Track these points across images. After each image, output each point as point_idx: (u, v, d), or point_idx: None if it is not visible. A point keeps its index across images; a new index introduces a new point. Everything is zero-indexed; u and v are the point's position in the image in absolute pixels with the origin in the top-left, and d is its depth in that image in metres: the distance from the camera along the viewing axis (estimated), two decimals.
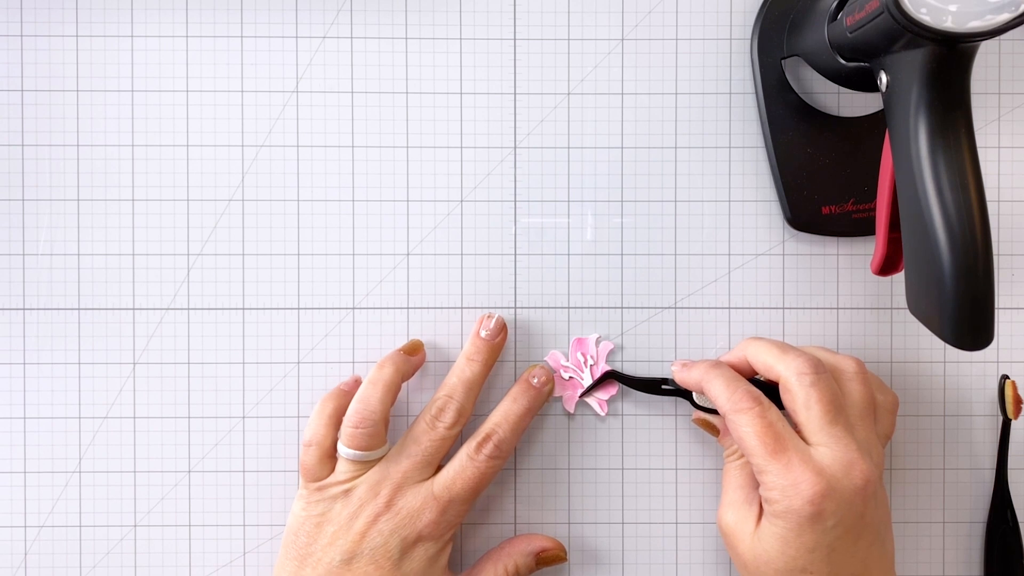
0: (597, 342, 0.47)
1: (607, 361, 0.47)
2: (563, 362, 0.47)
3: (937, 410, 0.48)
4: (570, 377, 0.47)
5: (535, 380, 0.45)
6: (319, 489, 0.43)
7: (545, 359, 0.47)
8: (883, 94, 0.37)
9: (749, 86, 0.47)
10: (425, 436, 0.43)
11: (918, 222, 0.34)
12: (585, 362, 0.47)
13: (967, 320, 0.34)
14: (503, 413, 0.44)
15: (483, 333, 0.45)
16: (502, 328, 0.46)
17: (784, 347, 0.41)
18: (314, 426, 0.44)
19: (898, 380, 0.48)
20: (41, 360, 0.47)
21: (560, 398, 0.47)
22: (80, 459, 0.47)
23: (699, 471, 0.47)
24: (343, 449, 0.43)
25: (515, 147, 0.47)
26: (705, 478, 0.47)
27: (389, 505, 0.42)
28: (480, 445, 0.43)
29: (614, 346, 0.47)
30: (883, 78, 0.36)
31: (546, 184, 0.47)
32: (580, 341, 0.47)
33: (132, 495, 0.47)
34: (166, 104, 0.47)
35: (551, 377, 0.46)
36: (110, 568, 0.47)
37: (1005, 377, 0.47)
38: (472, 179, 0.47)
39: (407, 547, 0.42)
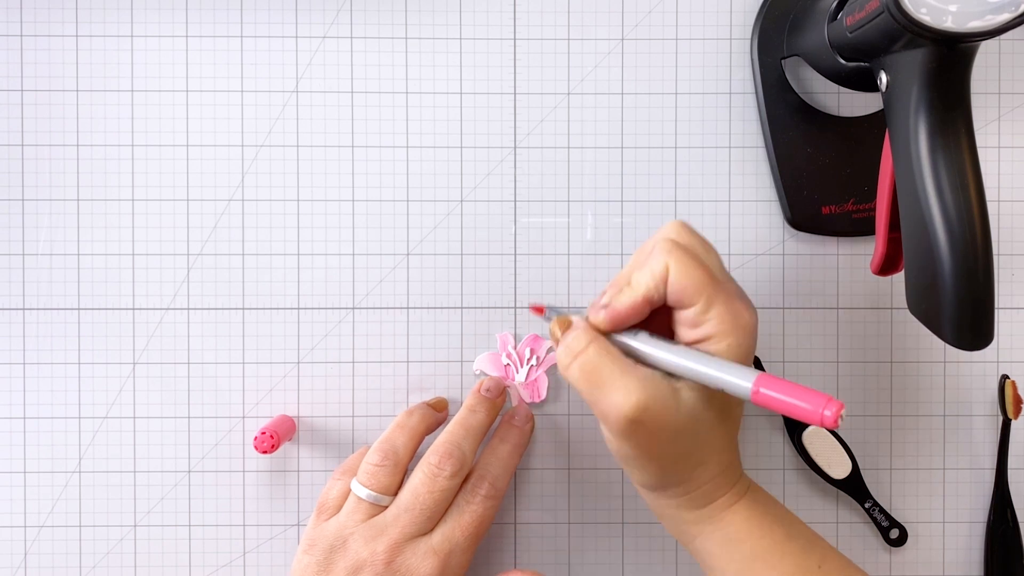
0: (549, 349, 0.47)
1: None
2: (509, 348, 0.47)
3: (937, 410, 0.48)
4: (507, 364, 0.47)
5: (488, 392, 0.45)
6: (317, 525, 0.42)
7: (496, 335, 0.47)
8: (883, 94, 0.37)
9: (749, 86, 0.47)
10: (424, 488, 0.41)
11: (918, 222, 0.34)
12: (525, 361, 0.47)
13: (967, 320, 0.34)
14: (490, 450, 0.44)
15: (484, 391, 0.45)
16: (502, 391, 0.45)
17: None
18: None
19: (898, 380, 0.48)
20: (41, 360, 0.47)
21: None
22: (80, 459, 0.47)
23: None
24: (358, 488, 0.41)
25: (515, 147, 0.47)
26: None
27: (389, 563, 0.40)
28: (475, 487, 0.42)
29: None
30: (883, 78, 0.36)
31: (546, 184, 0.47)
32: (536, 339, 0.47)
33: (132, 495, 0.47)
34: (166, 104, 0.47)
35: (503, 388, 0.46)
36: (110, 568, 0.47)
37: (1005, 377, 0.47)
38: (472, 179, 0.47)
39: None
